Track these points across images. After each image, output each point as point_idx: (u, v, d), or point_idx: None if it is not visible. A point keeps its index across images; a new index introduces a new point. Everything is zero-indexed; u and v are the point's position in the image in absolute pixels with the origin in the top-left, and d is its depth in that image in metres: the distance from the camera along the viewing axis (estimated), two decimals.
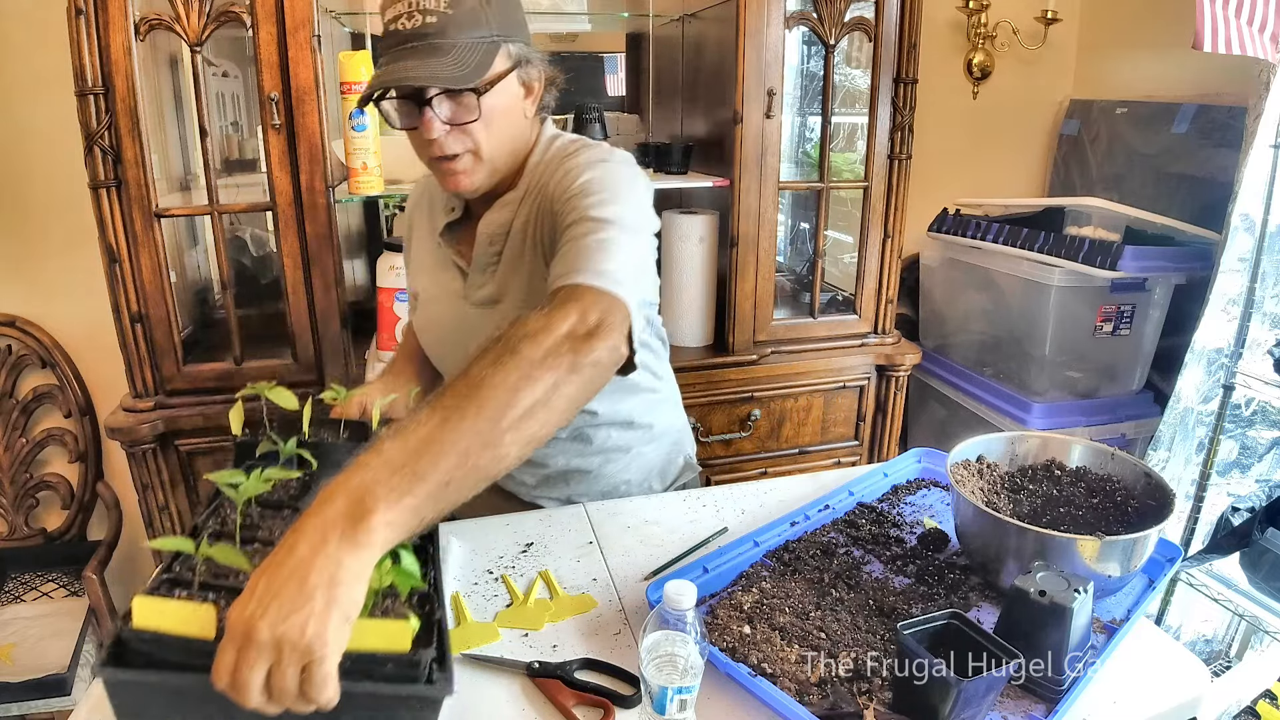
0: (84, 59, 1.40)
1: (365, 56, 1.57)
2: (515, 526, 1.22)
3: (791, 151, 2.30)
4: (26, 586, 1.98)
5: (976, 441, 1.16)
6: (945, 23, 2.37)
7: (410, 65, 0.95)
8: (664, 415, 1.32)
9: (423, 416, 0.70)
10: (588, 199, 0.97)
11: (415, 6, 0.96)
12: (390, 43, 0.98)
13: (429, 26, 0.96)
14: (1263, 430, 1.78)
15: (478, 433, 0.70)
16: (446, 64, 0.95)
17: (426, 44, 0.96)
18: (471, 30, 0.98)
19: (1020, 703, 0.85)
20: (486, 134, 1.03)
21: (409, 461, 0.66)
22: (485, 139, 1.03)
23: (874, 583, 1.03)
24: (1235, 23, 1.51)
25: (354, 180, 1.61)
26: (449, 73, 0.95)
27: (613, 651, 0.94)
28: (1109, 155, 2.32)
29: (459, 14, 0.97)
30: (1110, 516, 1.09)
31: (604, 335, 0.81)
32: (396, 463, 0.65)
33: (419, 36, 0.96)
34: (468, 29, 0.97)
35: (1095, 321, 1.99)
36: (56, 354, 2.01)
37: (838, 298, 2.12)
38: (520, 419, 0.73)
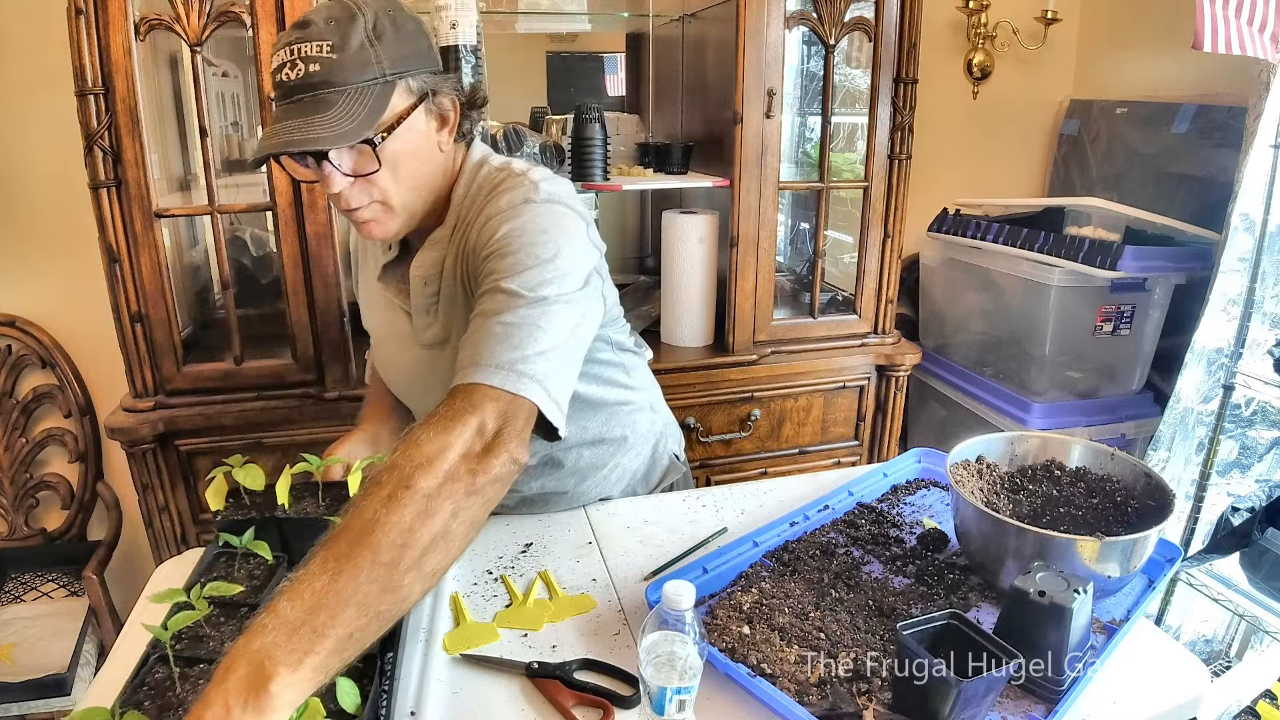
0: (84, 59, 1.40)
1: None
2: (515, 527, 1.22)
3: (791, 151, 2.30)
4: (26, 586, 1.98)
5: (976, 441, 1.16)
6: (945, 23, 2.37)
7: (293, 125, 0.87)
8: (639, 423, 1.27)
9: (315, 567, 0.68)
10: (502, 261, 0.92)
11: (297, 55, 0.88)
12: (277, 96, 0.91)
13: (313, 76, 0.88)
14: (1263, 430, 1.78)
15: (375, 580, 0.68)
16: (332, 119, 0.87)
17: (313, 97, 0.88)
18: (360, 73, 0.89)
19: (1020, 703, 0.85)
20: (393, 181, 0.96)
21: (307, 619, 0.64)
22: (392, 187, 0.96)
23: (874, 583, 1.03)
24: (1235, 23, 1.51)
25: None
26: (333, 131, 0.87)
27: (612, 652, 0.94)
28: (1109, 155, 2.32)
29: (344, 58, 0.88)
30: (1110, 517, 1.09)
31: (501, 448, 0.80)
32: (294, 622, 0.64)
33: (305, 88, 0.88)
34: (355, 73, 0.89)
35: (1095, 321, 1.99)
36: (56, 354, 2.01)
37: (838, 298, 2.12)
38: (420, 558, 0.71)
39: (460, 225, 1.02)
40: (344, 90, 0.89)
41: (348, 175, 0.93)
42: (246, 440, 1.64)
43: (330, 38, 0.88)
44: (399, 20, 0.93)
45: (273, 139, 0.88)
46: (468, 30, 1.56)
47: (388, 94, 0.91)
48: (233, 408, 1.62)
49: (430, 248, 1.05)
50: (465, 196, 1.03)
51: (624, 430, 1.25)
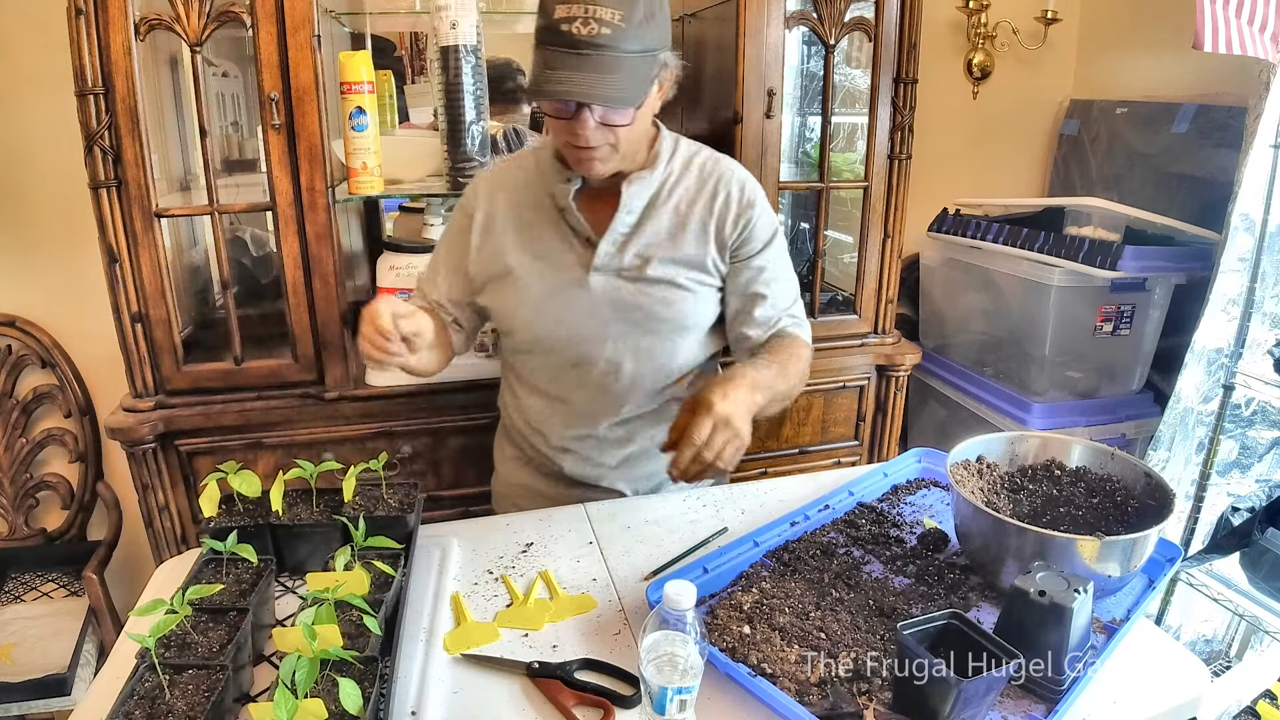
0: (84, 59, 1.40)
1: (365, 56, 1.57)
2: (515, 526, 1.22)
3: (791, 151, 2.29)
4: (26, 586, 1.98)
5: (976, 441, 1.16)
6: (945, 23, 2.37)
7: (582, 78, 1.02)
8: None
9: (763, 362, 1.18)
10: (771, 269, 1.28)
11: (590, 14, 1.01)
12: (559, 42, 1.02)
13: (601, 38, 1.01)
14: (1263, 430, 1.78)
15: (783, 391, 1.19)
16: (617, 82, 1.03)
17: (599, 55, 1.02)
18: (639, 44, 1.05)
19: (1020, 703, 0.85)
20: (628, 133, 1.13)
21: (770, 381, 1.15)
22: (626, 136, 1.13)
23: (874, 583, 1.03)
24: (1235, 23, 1.51)
25: (354, 180, 1.60)
26: (618, 93, 1.04)
27: (613, 651, 0.94)
28: (1109, 155, 2.32)
29: (630, 29, 1.03)
30: (1110, 516, 1.09)
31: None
32: (764, 379, 1.14)
33: (591, 46, 1.02)
34: (634, 44, 1.04)
35: (1095, 321, 1.99)
36: (56, 354, 2.01)
37: (838, 298, 2.12)
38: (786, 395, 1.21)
39: (675, 178, 1.25)
40: (625, 58, 1.04)
41: (598, 123, 1.09)
42: (246, 440, 1.64)
43: (621, 8, 1.02)
44: (661, 1, 1.10)
45: (563, 85, 1.02)
46: (468, 30, 1.57)
47: (654, 66, 1.10)
48: (233, 408, 1.62)
49: (640, 183, 1.21)
50: (675, 154, 1.26)
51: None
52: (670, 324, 1.24)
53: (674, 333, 1.25)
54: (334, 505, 1.07)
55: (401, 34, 2.13)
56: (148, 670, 0.78)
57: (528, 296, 1.24)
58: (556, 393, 1.30)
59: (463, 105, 1.59)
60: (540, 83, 1.04)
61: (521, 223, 1.25)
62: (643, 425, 1.30)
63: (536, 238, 1.24)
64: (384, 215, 2.17)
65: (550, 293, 1.23)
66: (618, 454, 1.32)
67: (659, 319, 1.23)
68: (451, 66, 1.57)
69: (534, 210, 1.25)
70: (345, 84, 1.55)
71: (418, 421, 1.70)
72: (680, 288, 1.24)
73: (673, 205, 1.24)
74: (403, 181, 1.75)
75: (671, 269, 1.23)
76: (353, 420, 1.68)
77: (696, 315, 1.26)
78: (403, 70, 2.12)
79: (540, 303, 1.23)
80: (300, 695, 0.71)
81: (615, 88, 1.03)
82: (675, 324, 1.25)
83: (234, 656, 0.80)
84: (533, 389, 1.32)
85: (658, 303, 1.23)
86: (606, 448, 1.31)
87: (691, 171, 1.26)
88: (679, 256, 1.23)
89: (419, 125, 1.98)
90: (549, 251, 1.23)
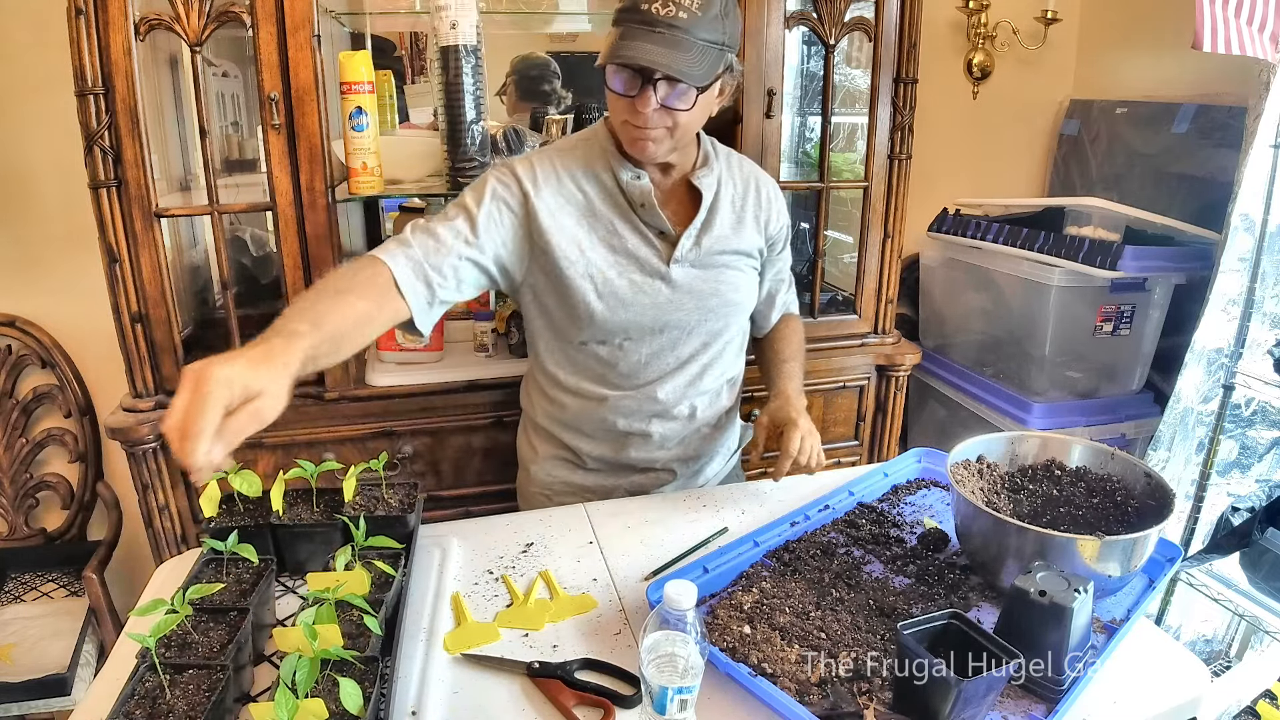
0: (84, 59, 1.40)
1: (365, 56, 1.57)
2: (515, 526, 1.22)
3: (791, 151, 2.29)
4: (26, 586, 1.98)
5: (976, 441, 1.16)
6: (945, 23, 2.37)
7: (659, 51, 1.08)
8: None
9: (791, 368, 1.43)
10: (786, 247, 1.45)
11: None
12: (638, 19, 1.09)
13: (679, 20, 1.08)
14: (1263, 430, 1.78)
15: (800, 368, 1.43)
16: (689, 60, 1.09)
17: (674, 35, 1.08)
18: (711, 35, 1.11)
19: (1020, 703, 0.85)
20: (686, 119, 1.17)
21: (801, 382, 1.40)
22: (684, 123, 1.17)
23: (874, 583, 1.03)
24: (1235, 23, 1.51)
25: (354, 180, 1.60)
26: (690, 70, 1.10)
27: (613, 651, 0.94)
28: (1109, 155, 2.32)
29: (706, 18, 1.10)
30: (1110, 516, 1.09)
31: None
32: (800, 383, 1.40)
33: (669, 25, 1.08)
34: (708, 34, 1.11)
35: (1095, 321, 1.99)
36: (56, 354, 2.01)
37: (838, 298, 2.12)
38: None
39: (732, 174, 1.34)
40: (697, 44, 1.10)
41: (660, 105, 1.13)
42: (246, 440, 1.63)
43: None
44: (735, 6, 1.18)
45: (637, 53, 1.08)
46: (468, 30, 1.56)
47: (721, 61, 1.15)
48: None
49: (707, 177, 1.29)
50: (725, 154, 1.36)
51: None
52: (738, 307, 1.35)
53: (739, 315, 1.37)
54: (334, 505, 1.07)
55: (401, 34, 2.13)
56: (148, 670, 0.78)
57: (612, 289, 1.25)
58: (627, 382, 1.32)
59: (463, 105, 1.59)
60: (614, 51, 1.09)
61: (592, 215, 1.26)
62: (706, 404, 1.38)
63: (612, 232, 1.26)
64: (384, 215, 2.17)
65: (635, 287, 1.26)
66: (681, 433, 1.37)
67: (730, 304, 1.33)
68: (451, 66, 1.57)
69: (602, 203, 1.26)
70: (345, 84, 1.55)
71: (418, 421, 1.70)
72: (744, 273, 1.35)
73: (729, 201, 1.32)
74: (403, 181, 1.75)
75: (737, 258, 1.33)
76: (353, 420, 1.68)
77: (753, 297, 1.40)
78: (403, 70, 2.12)
79: (627, 297, 1.25)
80: (301, 695, 0.71)
81: (684, 63, 1.09)
82: (742, 306, 1.36)
83: (234, 656, 0.80)
84: (596, 381, 1.32)
85: (729, 288, 1.32)
86: (672, 431, 1.36)
87: (734, 169, 1.36)
88: (741, 247, 1.33)
89: (419, 125, 1.98)
90: (628, 246, 1.26)
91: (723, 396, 1.41)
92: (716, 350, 1.36)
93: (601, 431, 1.35)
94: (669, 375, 1.32)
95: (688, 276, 1.29)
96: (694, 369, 1.34)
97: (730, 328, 1.36)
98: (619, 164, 1.24)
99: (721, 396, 1.40)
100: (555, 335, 1.32)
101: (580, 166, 1.27)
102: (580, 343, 1.30)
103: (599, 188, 1.26)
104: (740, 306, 1.36)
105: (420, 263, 1.13)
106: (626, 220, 1.26)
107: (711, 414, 1.39)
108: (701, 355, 1.34)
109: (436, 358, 1.75)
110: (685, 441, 1.38)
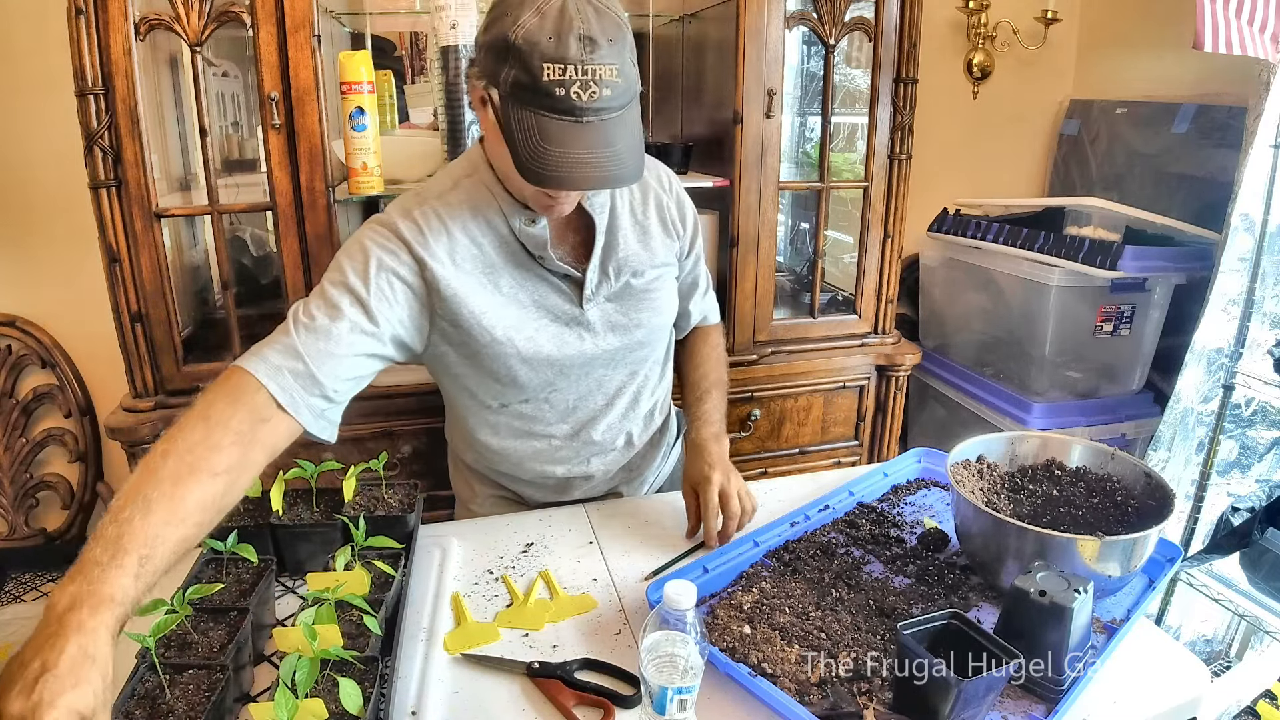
0: (84, 59, 1.40)
1: (365, 56, 1.57)
2: (515, 526, 1.22)
3: (791, 151, 2.30)
4: (26, 586, 1.98)
5: (976, 441, 1.16)
6: (945, 23, 2.37)
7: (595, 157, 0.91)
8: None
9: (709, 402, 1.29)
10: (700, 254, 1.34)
11: (590, 76, 0.89)
12: (553, 106, 0.89)
13: (607, 101, 0.90)
14: (1263, 430, 1.78)
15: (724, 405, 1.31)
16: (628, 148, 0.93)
17: (605, 122, 0.91)
18: (632, 95, 0.94)
19: (1020, 703, 0.85)
20: None
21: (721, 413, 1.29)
22: None
23: (874, 583, 1.03)
24: (1235, 23, 1.51)
25: (354, 180, 1.60)
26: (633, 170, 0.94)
27: (613, 651, 0.94)
28: (1109, 155, 2.32)
29: (625, 81, 0.92)
30: (1110, 516, 1.09)
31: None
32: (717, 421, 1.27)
33: (594, 111, 0.90)
34: (630, 95, 0.94)
35: (1095, 321, 1.99)
36: (56, 354, 2.01)
37: (838, 298, 2.12)
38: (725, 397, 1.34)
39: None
40: (628, 118, 0.94)
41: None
42: None
43: (615, 60, 0.90)
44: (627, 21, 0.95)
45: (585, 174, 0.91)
46: (468, 30, 1.57)
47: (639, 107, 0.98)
48: None
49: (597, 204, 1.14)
50: None
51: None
52: (662, 329, 1.26)
53: (664, 333, 1.28)
54: (334, 505, 1.07)
55: (401, 34, 2.13)
56: (148, 670, 0.78)
57: (534, 348, 1.12)
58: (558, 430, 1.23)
59: (463, 105, 1.59)
60: (543, 163, 0.91)
61: (492, 270, 1.10)
62: (641, 428, 1.30)
63: (517, 285, 1.11)
64: None
65: (555, 339, 1.14)
66: (622, 460, 1.30)
67: (655, 329, 1.22)
68: (451, 66, 1.57)
69: (499, 255, 1.10)
70: (345, 84, 1.55)
71: (418, 421, 1.70)
72: (663, 290, 1.23)
73: (627, 213, 1.18)
74: (403, 181, 1.75)
75: (653, 274, 1.20)
76: (353, 420, 1.67)
77: (673, 309, 1.28)
78: (403, 70, 2.12)
79: (548, 352, 1.13)
80: (300, 695, 0.71)
81: (627, 162, 0.93)
82: (666, 327, 1.28)
83: (234, 656, 0.80)
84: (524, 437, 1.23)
85: (651, 313, 1.20)
86: (612, 461, 1.28)
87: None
88: (655, 261, 1.20)
89: (419, 125, 1.98)
90: (535, 298, 1.12)
91: (655, 416, 1.32)
92: (645, 374, 1.26)
93: (540, 478, 1.27)
94: (600, 414, 1.23)
95: (604, 314, 1.16)
96: (624, 401, 1.25)
97: (657, 347, 1.27)
98: (510, 209, 1.08)
99: (654, 416, 1.32)
100: (472, 399, 1.20)
101: (469, 216, 1.08)
102: (501, 405, 1.20)
103: (493, 237, 1.09)
104: (665, 327, 1.26)
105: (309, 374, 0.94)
106: (527, 270, 1.11)
107: (648, 434, 1.31)
108: (629, 385, 1.25)
109: None
110: (628, 466, 1.31)
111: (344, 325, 0.98)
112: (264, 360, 0.93)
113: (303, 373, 0.94)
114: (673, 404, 1.43)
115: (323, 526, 1.04)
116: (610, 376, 1.22)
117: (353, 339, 0.99)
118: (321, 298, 1.00)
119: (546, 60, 0.88)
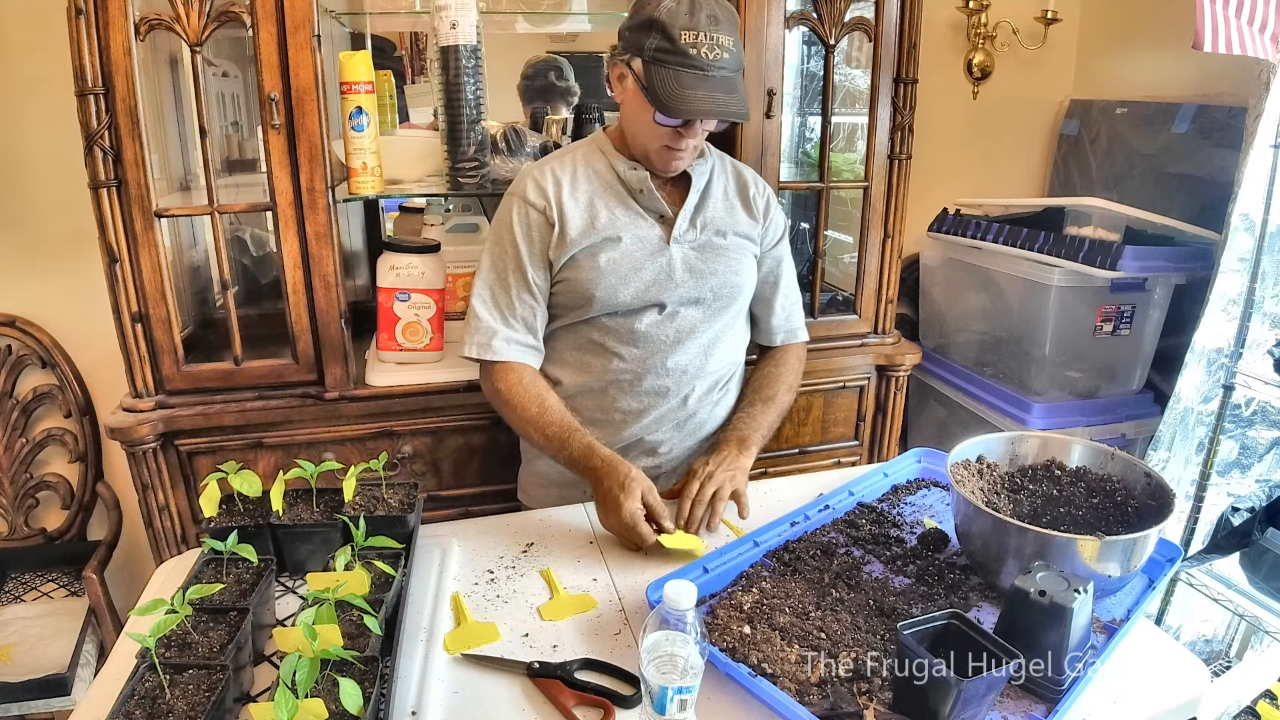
0: (84, 59, 1.40)
1: (365, 56, 1.57)
2: (515, 526, 1.22)
3: (791, 151, 2.29)
4: (26, 586, 1.98)
5: (976, 441, 1.16)
6: (945, 23, 2.37)
7: (721, 99, 1.20)
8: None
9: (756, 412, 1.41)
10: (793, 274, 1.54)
11: (716, 42, 1.19)
12: (687, 63, 1.19)
13: (726, 62, 1.20)
14: (1263, 430, 1.78)
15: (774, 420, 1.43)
16: (739, 100, 1.22)
17: (723, 77, 1.20)
18: (740, 64, 1.24)
19: (1020, 703, 0.85)
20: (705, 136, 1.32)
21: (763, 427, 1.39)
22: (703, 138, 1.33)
23: (874, 583, 1.03)
24: (1235, 23, 1.51)
25: (354, 180, 1.60)
26: (743, 109, 1.23)
27: (613, 651, 0.94)
28: (1109, 155, 2.32)
29: (738, 53, 1.22)
30: (1110, 516, 1.09)
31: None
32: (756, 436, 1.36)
33: (717, 68, 1.19)
34: (740, 63, 1.23)
35: (1095, 321, 1.99)
36: (56, 354, 2.01)
37: (838, 298, 2.12)
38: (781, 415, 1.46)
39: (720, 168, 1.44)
40: (737, 78, 1.23)
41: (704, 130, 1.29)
42: (246, 440, 1.64)
43: (732, 35, 1.22)
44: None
45: (710, 105, 1.19)
46: (468, 30, 1.57)
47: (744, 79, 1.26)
48: (232, 408, 1.62)
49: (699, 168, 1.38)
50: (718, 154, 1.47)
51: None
52: (737, 289, 1.40)
53: (739, 296, 1.42)
54: (334, 505, 1.07)
55: (401, 34, 2.13)
56: (148, 670, 0.78)
57: (617, 265, 1.32)
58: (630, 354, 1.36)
59: (463, 105, 1.59)
60: (680, 100, 1.19)
61: (594, 209, 1.34)
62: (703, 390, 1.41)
63: (614, 220, 1.34)
64: (384, 215, 2.17)
65: (636, 263, 1.33)
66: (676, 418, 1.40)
67: (730, 284, 1.39)
68: (451, 66, 1.57)
69: (604, 197, 1.35)
70: (345, 84, 1.55)
71: (418, 421, 1.70)
72: (742, 256, 1.41)
73: (721, 189, 1.41)
74: (403, 181, 1.75)
75: (734, 240, 1.40)
76: (353, 420, 1.68)
77: (752, 280, 1.44)
78: (403, 70, 2.12)
79: (627, 271, 1.33)
80: (301, 695, 0.71)
81: (739, 104, 1.21)
82: (741, 289, 1.42)
83: (234, 656, 0.80)
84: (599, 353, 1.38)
85: (727, 269, 1.38)
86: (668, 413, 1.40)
87: (727, 166, 1.46)
88: (737, 229, 1.40)
89: (419, 125, 1.98)
90: (629, 228, 1.34)
91: (714, 394, 1.44)
92: (717, 331, 1.40)
93: (599, 411, 1.39)
94: (671, 349, 1.37)
95: (687, 256, 1.36)
96: (694, 348, 1.38)
97: (730, 309, 1.41)
98: (615, 159, 1.36)
99: (713, 394, 1.44)
100: (562, 312, 1.38)
101: (581, 165, 1.37)
102: (588, 318, 1.36)
103: (598, 181, 1.36)
104: (740, 289, 1.41)
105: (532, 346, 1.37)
106: (627, 207, 1.35)
107: (706, 406, 1.43)
108: (702, 332, 1.38)
109: (436, 358, 1.75)
110: (680, 426, 1.42)
111: (534, 293, 1.35)
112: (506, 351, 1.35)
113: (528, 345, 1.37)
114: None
115: (323, 526, 1.04)
116: (681, 316, 1.37)
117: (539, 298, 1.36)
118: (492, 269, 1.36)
119: (683, 29, 1.18)
